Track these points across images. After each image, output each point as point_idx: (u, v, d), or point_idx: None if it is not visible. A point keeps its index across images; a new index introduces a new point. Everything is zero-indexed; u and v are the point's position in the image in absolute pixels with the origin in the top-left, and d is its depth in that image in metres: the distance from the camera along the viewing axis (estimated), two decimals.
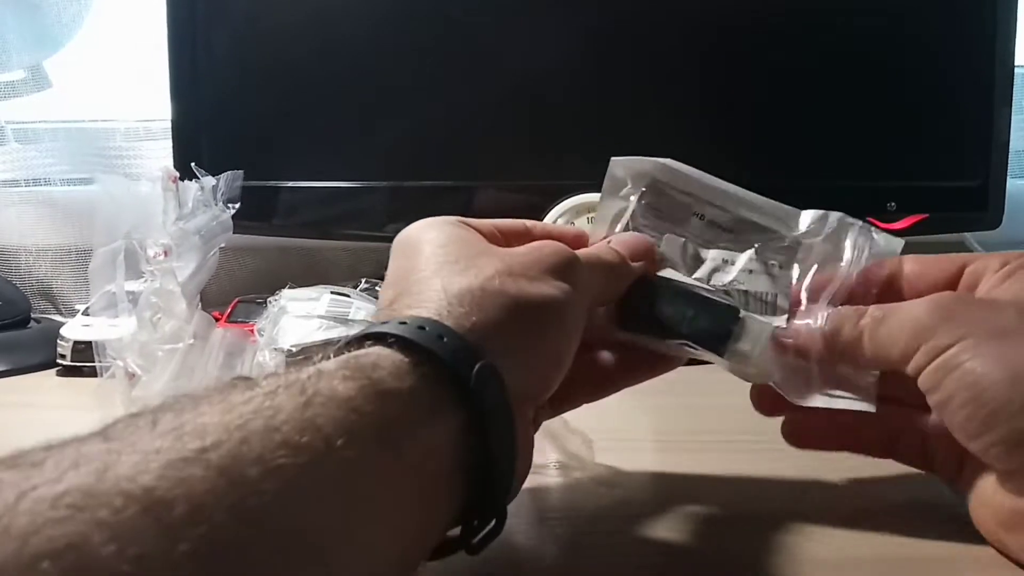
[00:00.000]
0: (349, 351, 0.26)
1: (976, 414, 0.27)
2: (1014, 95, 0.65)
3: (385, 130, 0.67)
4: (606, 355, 0.35)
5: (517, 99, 0.67)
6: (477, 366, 0.25)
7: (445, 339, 0.26)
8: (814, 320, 0.32)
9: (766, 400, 0.35)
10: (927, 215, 0.65)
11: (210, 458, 0.19)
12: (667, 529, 0.33)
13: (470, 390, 0.25)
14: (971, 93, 0.65)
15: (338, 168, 0.68)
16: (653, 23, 0.66)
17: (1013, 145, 0.66)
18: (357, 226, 0.69)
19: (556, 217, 0.64)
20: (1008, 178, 0.66)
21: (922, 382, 0.29)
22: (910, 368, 0.29)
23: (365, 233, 0.69)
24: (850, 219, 0.35)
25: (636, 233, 0.35)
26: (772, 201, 0.36)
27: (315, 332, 0.47)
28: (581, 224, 0.64)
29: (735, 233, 0.35)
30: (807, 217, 0.35)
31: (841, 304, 0.32)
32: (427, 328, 0.26)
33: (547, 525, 0.33)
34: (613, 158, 0.37)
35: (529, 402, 0.29)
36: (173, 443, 0.19)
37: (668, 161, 0.36)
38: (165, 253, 0.43)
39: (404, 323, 0.26)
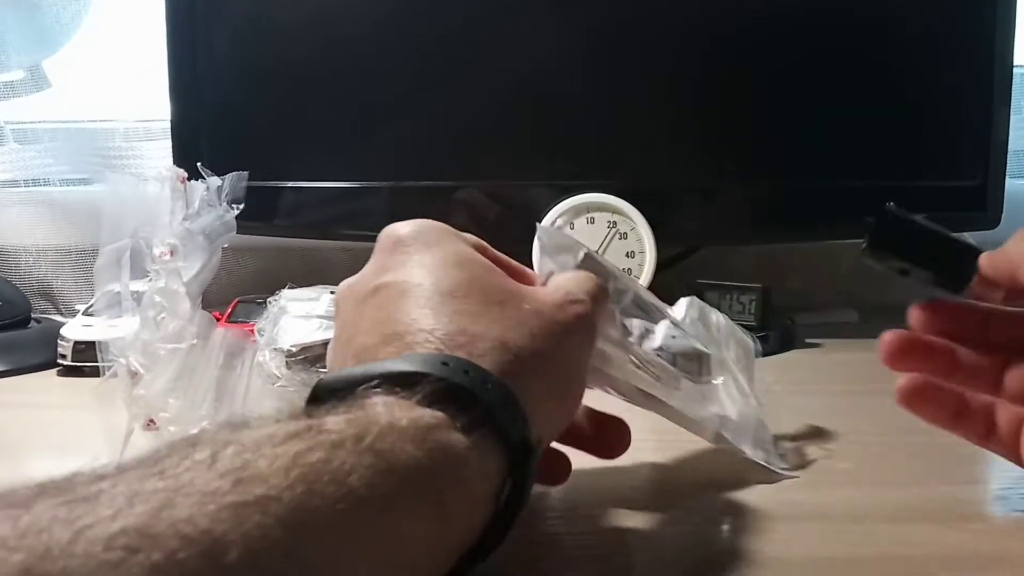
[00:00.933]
0: (415, 391, 0.25)
1: None
2: (1013, 95, 0.65)
3: (385, 130, 0.67)
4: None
5: (517, 99, 0.67)
6: (527, 436, 0.26)
7: (495, 392, 0.26)
8: None
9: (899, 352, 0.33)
10: (926, 215, 0.65)
11: (270, 506, 0.19)
12: (665, 529, 0.33)
13: (523, 458, 0.26)
14: (970, 93, 0.65)
15: (338, 168, 0.68)
16: (653, 23, 0.66)
17: (1012, 145, 0.66)
18: (357, 226, 0.69)
19: (556, 217, 0.64)
20: (1007, 178, 0.66)
21: None
22: None
23: (365, 233, 0.69)
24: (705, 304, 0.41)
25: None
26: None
27: (315, 332, 0.47)
28: (580, 224, 0.64)
29: (642, 310, 0.38)
30: (681, 304, 0.41)
31: None
32: (491, 386, 0.26)
33: (546, 525, 0.33)
34: (540, 225, 0.37)
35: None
36: (232, 486, 0.19)
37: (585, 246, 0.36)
38: (171, 253, 0.43)
39: (467, 372, 0.26)
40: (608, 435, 0.35)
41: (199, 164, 0.46)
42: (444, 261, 0.30)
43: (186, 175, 0.45)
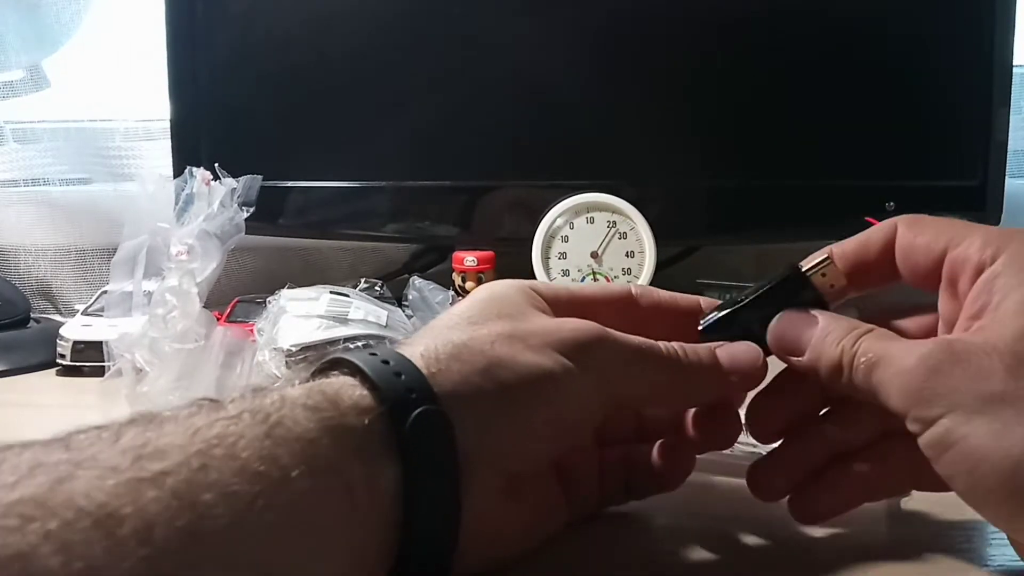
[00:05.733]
0: (318, 377, 0.26)
1: (981, 498, 0.26)
2: (1013, 95, 0.65)
3: (385, 130, 0.67)
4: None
5: (517, 99, 0.67)
6: (417, 411, 0.24)
7: (403, 376, 0.25)
8: None
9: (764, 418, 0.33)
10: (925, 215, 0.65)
11: (166, 480, 0.20)
12: (665, 527, 0.33)
13: (404, 430, 0.24)
14: (970, 93, 0.65)
15: (338, 168, 0.68)
16: (653, 23, 0.66)
17: (1012, 145, 0.66)
18: (357, 226, 0.69)
19: (556, 216, 0.64)
20: (1007, 178, 0.66)
21: (923, 448, 0.27)
22: (909, 426, 0.27)
23: (365, 233, 0.69)
24: None
25: (750, 345, 0.32)
26: None
27: (314, 332, 0.47)
28: (580, 224, 0.64)
29: None
30: None
31: None
32: (391, 363, 0.26)
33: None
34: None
35: (492, 468, 0.27)
36: (132, 462, 0.20)
37: None
38: (187, 252, 0.43)
39: (374, 354, 0.26)
40: (716, 426, 0.33)
41: (216, 165, 0.46)
42: (467, 299, 0.31)
43: (211, 177, 0.45)
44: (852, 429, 0.31)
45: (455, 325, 0.29)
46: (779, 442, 0.33)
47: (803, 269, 0.32)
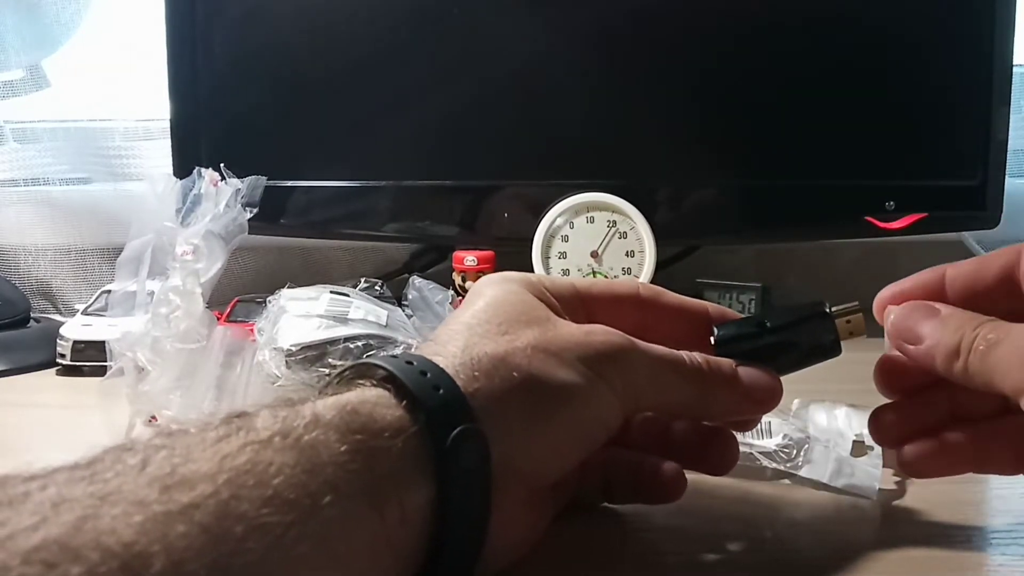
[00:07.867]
0: (349, 387, 0.26)
1: None
2: (1013, 94, 0.65)
3: (386, 130, 0.67)
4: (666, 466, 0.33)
5: (518, 99, 0.67)
6: (456, 430, 0.25)
7: (440, 390, 0.25)
8: None
9: (894, 376, 0.33)
10: (925, 214, 0.66)
11: (194, 514, 0.19)
12: (661, 526, 0.33)
13: (444, 449, 0.24)
14: (969, 92, 0.65)
15: (339, 168, 0.68)
16: (653, 23, 0.66)
17: (1012, 144, 0.66)
18: (357, 226, 0.69)
19: (556, 216, 0.64)
20: (1007, 177, 0.66)
21: None
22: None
23: (365, 233, 0.69)
24: None
25: (769, 372, 0.32)
26: None
27: (314, 331, 0.47)
28: (580, 224, 0.64)
29: None
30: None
31: None
32: (429, 375, 0.26)
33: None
34: None
35: (520, 482, 0.27)
36: (159, 495, 0.19)
37: None
38: (192, 252, 0.43)
39: (410, 363, 0.26)
40: (715, 450, 0.33)
41: (222, 166, 0.46)
42: (477, 300, 0.31)
43: (219, 178, 0.45)
44: (978, 396, 0.30)
45: (486, 333, 0.28)
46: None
47: (831, 311, 0.33)
